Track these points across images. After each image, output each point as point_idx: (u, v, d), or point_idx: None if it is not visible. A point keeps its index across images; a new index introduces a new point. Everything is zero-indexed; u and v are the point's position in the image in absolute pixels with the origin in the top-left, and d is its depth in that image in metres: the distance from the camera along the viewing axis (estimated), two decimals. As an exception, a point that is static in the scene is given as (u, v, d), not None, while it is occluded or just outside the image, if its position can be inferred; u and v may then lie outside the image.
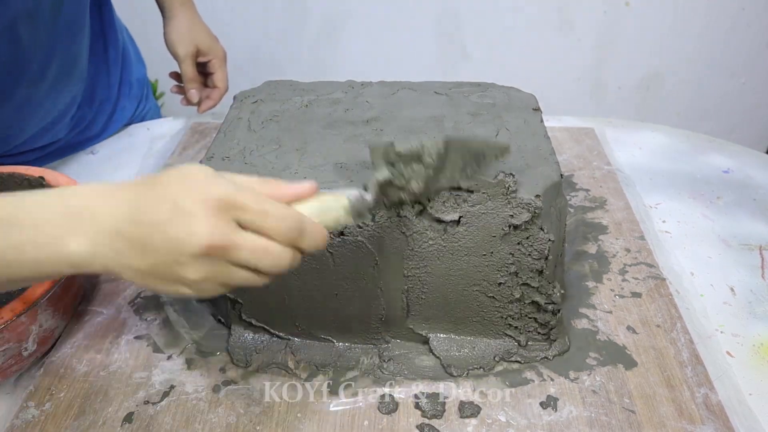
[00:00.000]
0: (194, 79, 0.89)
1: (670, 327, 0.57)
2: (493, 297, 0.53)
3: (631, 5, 1.53)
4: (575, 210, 0.73)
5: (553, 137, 0.86)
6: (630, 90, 1.68)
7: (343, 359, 0.55)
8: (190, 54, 0.87)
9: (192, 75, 0.88)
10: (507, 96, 0.66)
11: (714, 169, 0.82)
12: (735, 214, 0.74)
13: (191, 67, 0.88)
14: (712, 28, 1.56)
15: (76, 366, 0.55)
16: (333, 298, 0.54)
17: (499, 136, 0.58)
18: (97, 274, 0.65)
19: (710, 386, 0.52)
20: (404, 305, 0.54)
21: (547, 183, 0.51)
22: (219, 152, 0.57)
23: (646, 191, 0.78)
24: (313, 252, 0.43)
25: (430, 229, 0.51)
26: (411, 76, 0.86)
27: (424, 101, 0.65)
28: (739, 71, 1.63)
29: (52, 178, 0.63)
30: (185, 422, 0.50)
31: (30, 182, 0.63)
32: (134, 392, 0.53)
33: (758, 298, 0.62)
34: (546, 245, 0.50)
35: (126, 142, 0.92)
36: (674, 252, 0.68)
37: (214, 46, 0.89)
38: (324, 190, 0.43)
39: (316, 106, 0.65)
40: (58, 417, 0.51)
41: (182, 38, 0.87)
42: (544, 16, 1.56)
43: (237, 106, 0.66)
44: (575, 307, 0.60)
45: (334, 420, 0.50)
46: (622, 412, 0.50)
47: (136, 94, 0.97)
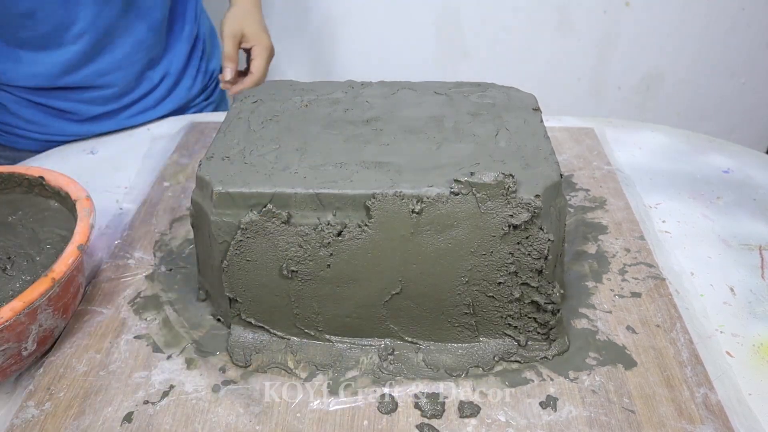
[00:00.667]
0: (231, 58, 0.94)
1: (670, 327, 0.57)
2: (493, 297, 0.53)
3: (631, 5, 1.53)
4: (575, 210, 0.73)
5: (553, 137, 0.86)
6: (630, 90, 1.68)
7: (342, 359, 0.55)
8: (232, 34, 0.93)
9: (229, 54, 0.93)
10: (507, 96, 0.66)
11: (714, 169, 0.82)
12: (735, 214, 0.74)
13: (231, 47, 0.93)
14: (712, 28, 1.56)
15: (76, 366, 0.55)
16: (332, 298, 0.54)
17: (499, 136, 0.58)
18: (95, 275, 0.65)
19: (710, 386, 0.52)
20: (403, 305, 0.54)
21: (546, 183, 0.51)
22: (219, 152, 0.57)
23: (646, 191, 0.78)
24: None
25: (430, 228, 0.51)
26: (411, 76, 0.86)
27: (424, 101, 0.65)
28: (739, 71, 1.63)
29: (52, 178, 0.63)
30: (185, 422, 0.50)
31: (30, 182, 0.64)
32: (134, 392, 0.53)
33: (758, 298, 0.62)
34: (546, 245, 0.50)
35: (126, 142, 0.93)
36: (674, 252, 0.68)
37: (261, 36, 0.95)
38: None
39: (316, 106, 0.65)
40: (57, 416, 0.51)
41: (232, 21, 0.94)
42: (544, 16, 1.55)
43: (237, 106, 0.66)
44: (575, 307, 0.60)
45: (333, 420, 0.50)
46: (621, 412, 0.50)
47: (201, 82, 1.03)
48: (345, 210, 0.51)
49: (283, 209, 0.51)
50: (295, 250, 0.52)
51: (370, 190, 0.50)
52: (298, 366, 0.55)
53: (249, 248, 0.53)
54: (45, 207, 0.64)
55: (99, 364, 0.55)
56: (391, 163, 0.54)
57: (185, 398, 0.52)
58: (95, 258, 0.69)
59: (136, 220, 0.74)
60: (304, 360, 0.56)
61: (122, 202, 0.78)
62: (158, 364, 0.55)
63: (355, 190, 0.51)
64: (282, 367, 0.55)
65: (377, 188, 0.51)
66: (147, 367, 0.55)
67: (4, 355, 0.51)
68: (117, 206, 0.77)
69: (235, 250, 0.53)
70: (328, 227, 0.51)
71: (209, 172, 0.54)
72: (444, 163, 0.54)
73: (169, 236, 0.71)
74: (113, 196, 0.79)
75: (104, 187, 0.81)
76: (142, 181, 0.82)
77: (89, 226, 0.57)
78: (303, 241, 0.52)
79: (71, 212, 0.61)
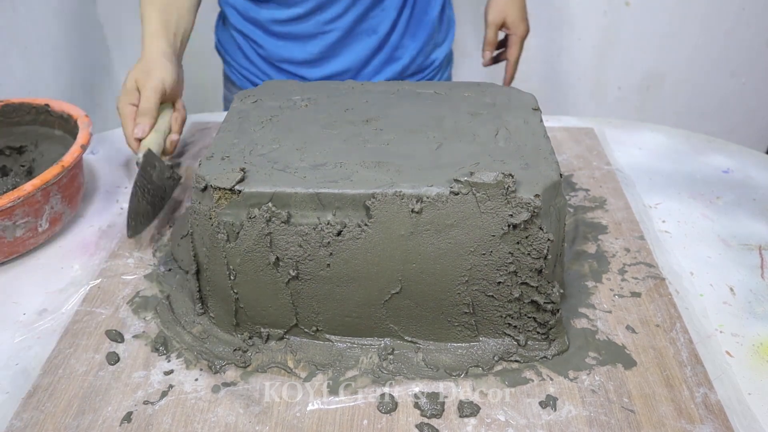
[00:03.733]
0: (491, 44, 1.01)
1: (670, 327, 0.57)
2: (493, 296, 0.53)
3: (631, 5, 1.52)
4: (575, 210, 0.73)
5: (553, 137, 0.86)
6: (630, 90, 1.68)
7: (342, 359, 0.55)
8: (495, 22, 0.99)
9: (489, 40, 1.00)
10: (507, 96, 0.66)
11: (714, 169, 0.82)
12: (735, 214, 0.74)
13: (492, 34, 1.00)
14: (712, 28, 1.55)
15: (75, 365, 0.55)
16: (332, 297, 0.54)
17: (499, 135, 0.58)
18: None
19: (709, 386, 0.52)
20: (403, 305, 0.54)
21: (546, 183, 0.51)
22: (219, 152, 0.57)
23: (645, 191, 0.78)
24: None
25: (430, 228, 0.51)
26: (411, 75, 0.86)
27: (424, 101, 0.65)
28: (739, 71, 1.63)
29: (55, 104, 0.78)
30: (184, 422, 0.50)
31: (36, 110, 0.78)
32: (133, 392, 0.53)
33: (758, 298, 0.62)
34: (545, 245, 0.50)
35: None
36: (674, 252, 0.68)
37: (519, 24, 0.99)
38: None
39: (316, 105, 0.65)
40: (57, 416, 0.51)
41: (496, 8, 0.98)
42: (544, 16, 1.55)
43: (237, 106, 0.66)
44: (575, 306, 0.60)
45: (333, 419, 0.50)
46: (621, 411, 0.50)
47: (428, 55, 1.03)
48: (345, 210, 0.51)
49: (283, 209, 0.51)
50: (295, 250, 0.52)
51: (370, 190, 0.50)
52: (297, 366, 0.55)
53: (248, 248, 0.53)
54: (50, 135, 0.79)
55: (98, 364, 0.55)
56: (391, 162, 0.54)
57: (185, 398, 0.52)
58: (95, 257, 0.69)
59: (135, 219, 0.74)
60: (304, 360, 0.55)
61: (122, 202, 0.78)
62: (157, 363, 0.55)
63: (354, 189, 0.51)
64: (282, 367, 0.55)
65: (377, 188, 0.51)
66: (146, 367, 0.55)
67: (24, 228, 0.65)
68: (117, 206, 0.77)
69: (234, 249, 0.53)
70: (328, 227, 0.51)
71: (209, 172, 0.54)
72: (444, 163, 0.54)
73: (168, 236, 0.71)
74: (113, 196, 0.79)
75: (104, 187, 0.81)
76: (142, 181, 0.82)
77: (89, 133, 0.72)
78: (303, 241, 0.52)
79: (72, 137, 0.74)
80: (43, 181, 0.64)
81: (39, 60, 1.16)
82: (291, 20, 0.92)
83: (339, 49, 0.94)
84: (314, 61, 0.96)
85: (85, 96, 1.35)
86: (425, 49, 1.00)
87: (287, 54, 0.95)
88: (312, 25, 0.92)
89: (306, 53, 0.95)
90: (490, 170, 0.51)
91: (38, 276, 0.67)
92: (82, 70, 1.34)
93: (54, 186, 0.67)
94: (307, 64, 0.96)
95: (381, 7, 0.92)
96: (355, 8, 0.90)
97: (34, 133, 0.80)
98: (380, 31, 0.94)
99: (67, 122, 0.77)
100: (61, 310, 0.62)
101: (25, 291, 0.65)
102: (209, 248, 0.55)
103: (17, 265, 0.68)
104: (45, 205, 0.67)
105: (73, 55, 1.30)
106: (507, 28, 0.99)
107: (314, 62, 0.96)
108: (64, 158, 0.67)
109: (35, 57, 1.15)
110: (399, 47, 0.97)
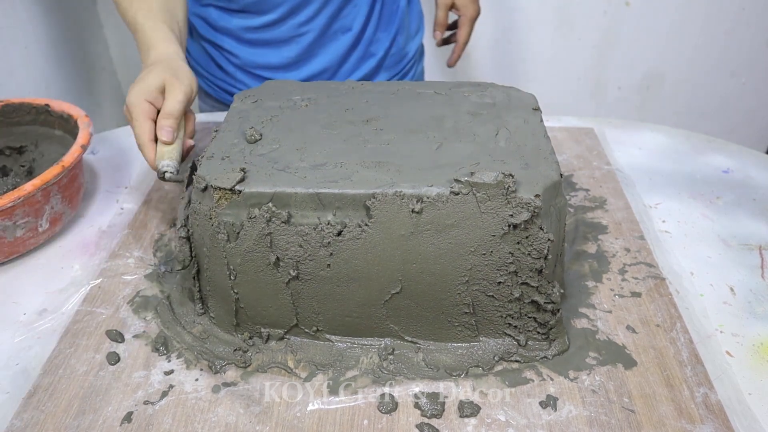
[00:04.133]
0: (441, 24, 1.04)
1: (670, 327, 0.57)
2: (493, 296, 0.53)
3: (631, 5, 1.53)
4: (575, 210, 0.73)
5: (553, 137, 0.86)
6: (630, 90, 1.68)
7: (342, 359, 0.55)
8: (445, 3, 1.02)
9: (440, 21, 1.04)
10: (507, 96, 0.66)
11: (714, 169, 0.82)
12: (735, 214, 0.74)
13: (442, 14, 1.03)
14: (712, 28, 1.56)
15: (76, 365, 0.55)
16: (332, 297, 0.54)
17: (499, 135, 0.58)
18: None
19: (710, 386, 0.52)
20: (403, 305, 0.54)
21: (546, 183, 0.51)
22: (219, 152, 0.57)
23: (645, 191, 0.78)
24: None
25: (430, 228, 0.51)
26: (411, 75, 0.86)
27: (424, 101, 0.65)
28: (739, 71, 1.63)
29: (55, 104, 0.78)
30: (185, 422, 0.50)
31: (37, 110, 0.78)
32: (133, 392, 0.53)
33: (758, 298, 0.62)
34: (545, 245, 0.50)
35: (126, 142, 0.92)
36: (674, 252, 0.68)
37: (469, 6, 1.02)
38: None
39: (316, 106, 0.65)
40: (57, 416, 0.51)
41: None
42: (544, 16, 1.55)
43: (237, 106, 0.66)
44: (575, 306, 0.60)
45: (333, 419, 0.50)
46: (621, 411, 0.50)
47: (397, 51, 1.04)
48: (345, 210, 0.51)
49: (283, 209, 0.51)
50: (295, 250, 0.52)
51: (370, 190, 0.50)
52: (298, 366, 0.55)
53: (249, 248, 0.53)
54: (50, 135, 0.79)
55: (98, 364, 0.55)
56: (391, 162, 0.54)
57: (185, 398, 0.52)
58: (95, 257, 0.69)
59: (136, 220, 0.74)
60: (304, 360, 0.56)
61: (122, 202, 0.78)
62: (158, 363, 0.55)
63: (355, 189, 0.51)
64: (282, 367, 0.55)
65: (377, 188, 0.51)
66: (146, 367, 0.55)
67: (25, 228, 0.65)
68: (117, 206, 0.77)
69: (234, 249, 0.53)
70: (328, 227, 0.51)
71: (209, 172, 0.54)
72: (444, 163, 0.54)
73: (168, 236, 0.71)
74: (113, 196, 0.79)
75: (104, 187, 0.81)
76: (142, 181, 0.82)
77: (89, 133, 0.72)
78: (303, 241, 0.52)
79: (72, 137, 0.74)
80: (43, 181, 0.64)
81: (39, 60, 1.16)
82: (265, 26, 0.91)
83: (315, 50, 0.94)
84: (291, 65, 0.95)
85: (85, 96, 1.35)
86: (398, 41, 1.00)
87: (263, 60, 0.94)
88: (286, 30, 0.91)
89: (282, 57, 0.94)
90: (490, 170, 0.51)
91: (38, 276, 0.67)
92: (82, 70, 1.33)
93: (54, 186, 0.67)
94: (284, 68, 0.95)
95: (353, 4, 0.92)
96: (327, 8, 0.90)
97: (34, 133, 0.80)
98: (354, 27, 0.94)
99: (67, 122, 0.77)
100: (61, 310, 0.62)
101: (25, 291, 0.65)
102: (209, 248, 0.55)
103: (17, 265, 0.68)
104: (45, 205, 0.67)
105: (73, 55, 1.30)
106: (457, 9, 1.02)
107: (291, 66, 0.95)
108: (64, 158, 0.67)
109: (35, 57, 1.15)
110: (373, 42, 0.97)
